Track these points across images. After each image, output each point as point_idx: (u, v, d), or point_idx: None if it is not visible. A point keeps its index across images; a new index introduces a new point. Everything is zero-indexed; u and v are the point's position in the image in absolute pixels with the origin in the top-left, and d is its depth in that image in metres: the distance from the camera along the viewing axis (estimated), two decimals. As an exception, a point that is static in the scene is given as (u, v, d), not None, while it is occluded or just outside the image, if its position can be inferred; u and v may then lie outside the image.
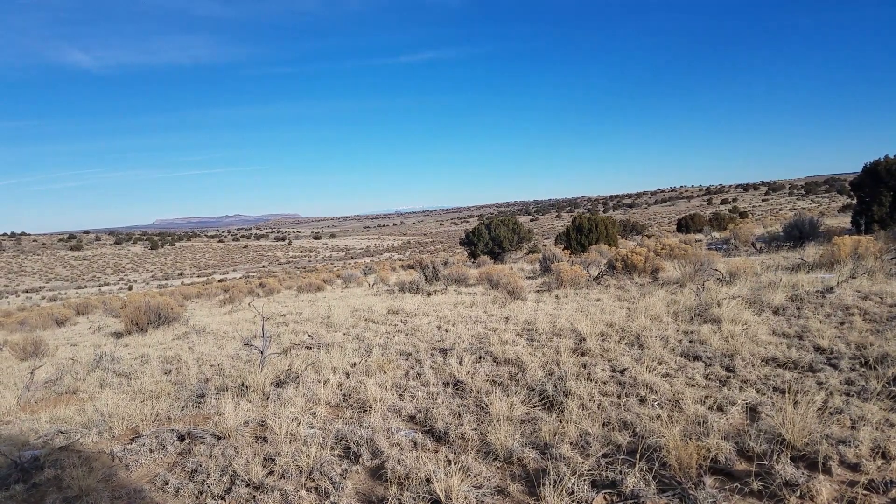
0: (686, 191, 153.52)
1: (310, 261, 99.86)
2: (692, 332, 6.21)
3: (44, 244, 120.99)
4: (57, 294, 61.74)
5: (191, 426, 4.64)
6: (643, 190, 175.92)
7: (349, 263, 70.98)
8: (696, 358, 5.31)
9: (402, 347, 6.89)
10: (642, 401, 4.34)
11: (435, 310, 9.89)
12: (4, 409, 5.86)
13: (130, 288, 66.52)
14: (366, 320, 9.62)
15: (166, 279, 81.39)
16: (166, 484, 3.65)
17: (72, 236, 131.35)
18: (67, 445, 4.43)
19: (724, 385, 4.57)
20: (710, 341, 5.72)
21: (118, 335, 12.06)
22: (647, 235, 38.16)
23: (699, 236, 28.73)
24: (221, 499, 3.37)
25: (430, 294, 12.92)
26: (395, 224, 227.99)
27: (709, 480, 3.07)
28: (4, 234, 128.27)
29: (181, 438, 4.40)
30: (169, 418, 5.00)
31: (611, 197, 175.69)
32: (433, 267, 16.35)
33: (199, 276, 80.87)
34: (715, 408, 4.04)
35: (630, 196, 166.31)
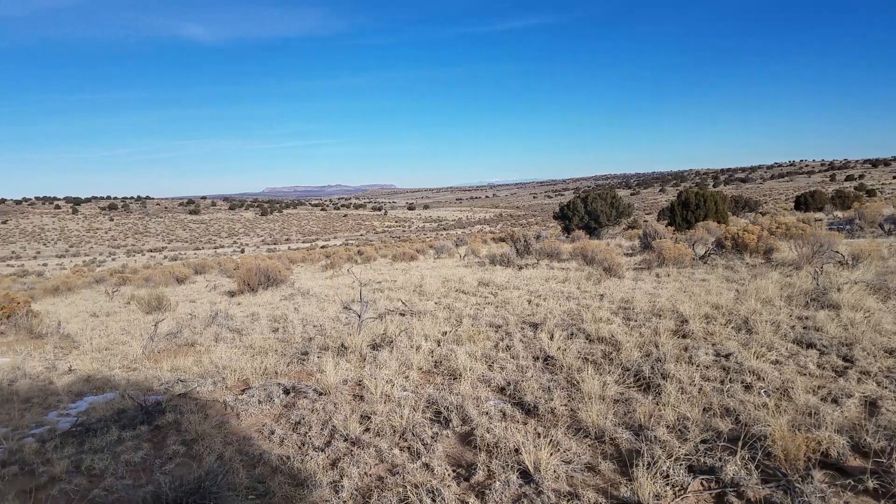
0: (806, 165, 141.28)
1: (404, 231, 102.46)
2: (807, 318, 5.77)
3: (166, 208, 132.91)
4: (177, 254, 67.86)
5: (295, 381, 4.97)
6: (758, 164, 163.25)
7: (441, 234, 72.01)
8: (810, 345, 4.95)
9: (491, 319, 6.92)
10: (747, 388, 4.12)
11: (526, 283, 9.83)
12: (132, 357, 6.57)
13: (243, 251, 71.69)
14: (457, 291, 9.76)
15: (275, 243, 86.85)
16: (272, 434, 3.95)
17: (190, 201, 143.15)
18: (186, 393, 4.90)
19: (840, 375, 4.25)
20: (826, 328, 5.29)
21: (231, 294, 13.06)
22: (760, 213, 35.59)
23: (819, 215, 26.49)
24: (321, 451, 3.60)
25: (521, 268, 12.85)
26: (487, 196, 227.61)
27: (818, 474, 2.89)
28: (132, 198, 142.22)
29: (286, 392, 4.73)
30: (276, 373, 5.38)
31: (722, 170, 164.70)
32: (525, 240, 16.21)
33: (303, 242, 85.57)
34: (829, 399, 3.78)
35: (743, 170, 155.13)
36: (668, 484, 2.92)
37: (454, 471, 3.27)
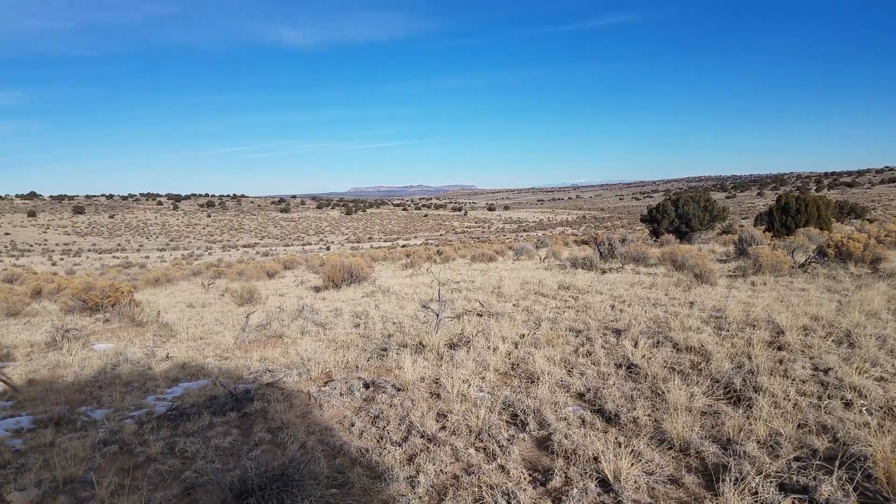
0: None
1: (483, 231, 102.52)
2: (919, 334, 5.26)
3: (259, 206, 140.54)
4: (268, 250, 71.53)
5: (374, 376, 5.09)
6: (867, 167, 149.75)
7: (521, 236, 71.33)
8: (922, 363, 4.51)
9: (571, 324, 6.76)
10: (847, 405, 3.81)
11: (609, 288, 9.54)
12: (224, 346, 6.96)
13: (328, 248, 74.52)
14: (535, 293, 9.62)
15: (358, 242, 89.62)
16: (352, 426, 4.06)
17: (281, 200, 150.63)
18: (273, 382, 5.14)
19: (954, 397, 3.86)
20: (942, 346, 4.81)
21: (317, 289, 13.58)
22: (868, 220, 32.70)
23: (942, 223, 23.93)
24: (399, 446, 3.66)
25: (604, 272, 12.48)
26: (570, 198, 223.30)
27: (926, 503, 2.63)
28: (228, 196, 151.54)
29: (366, 386, 4.85)
30: (357, 367, 5.53)
31: (825, 174, 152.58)
32: (609, 243, 15.72)
33: (385, 241, 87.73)
34: (940, 421, 3.44)
35: (850, 174, 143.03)
36: (756, 501, 2.73)
37: (530, 475, 3.22)
